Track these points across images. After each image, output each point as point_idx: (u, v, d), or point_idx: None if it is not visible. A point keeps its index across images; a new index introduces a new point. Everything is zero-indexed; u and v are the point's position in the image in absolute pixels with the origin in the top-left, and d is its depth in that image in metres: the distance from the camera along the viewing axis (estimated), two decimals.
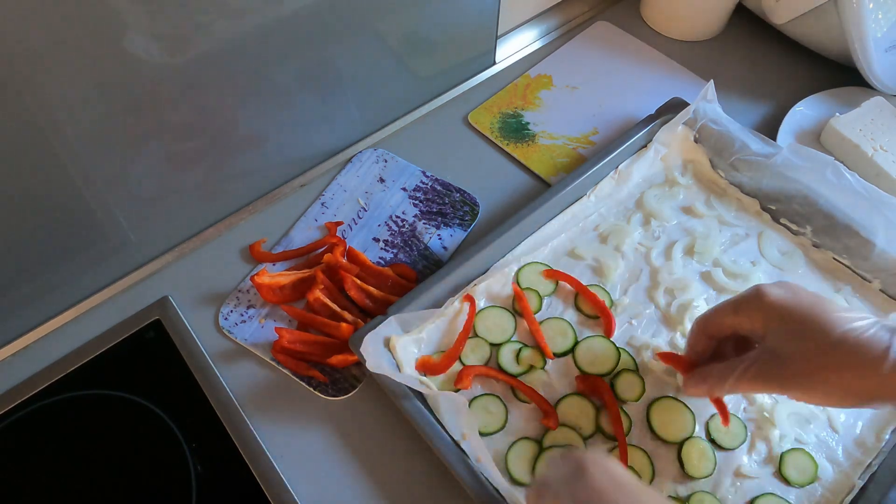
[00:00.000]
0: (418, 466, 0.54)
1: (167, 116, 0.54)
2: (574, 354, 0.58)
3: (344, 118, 0.71)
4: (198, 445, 0.55)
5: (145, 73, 0.50)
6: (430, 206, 0.69)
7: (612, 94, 0.80)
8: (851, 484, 0.52)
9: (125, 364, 0.59)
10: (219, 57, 0.53)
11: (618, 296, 0.62)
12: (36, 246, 0.55)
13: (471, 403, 0.55)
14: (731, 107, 0.73)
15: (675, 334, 0.59)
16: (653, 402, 0.55)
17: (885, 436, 0.54)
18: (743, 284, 0.62)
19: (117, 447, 0.55)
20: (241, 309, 0.62)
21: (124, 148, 0.54)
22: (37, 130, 0.47)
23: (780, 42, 0.83)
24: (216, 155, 0.62)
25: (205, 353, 0.59)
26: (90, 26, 0.44)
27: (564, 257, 0.65)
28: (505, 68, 0.83)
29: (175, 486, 0.53)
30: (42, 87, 0.45)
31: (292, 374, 0.58)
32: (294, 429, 0.56)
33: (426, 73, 0.76)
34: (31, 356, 0.59)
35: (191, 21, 0.49)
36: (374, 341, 0.54)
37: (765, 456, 0.53)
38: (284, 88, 0.61)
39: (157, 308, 0.62)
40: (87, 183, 0.54)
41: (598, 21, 0.88)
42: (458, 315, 0.60)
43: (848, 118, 0.71)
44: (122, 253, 0.63)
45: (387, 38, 0.67)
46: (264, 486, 0.52)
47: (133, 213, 0.60)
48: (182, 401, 0.57)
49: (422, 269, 0.65)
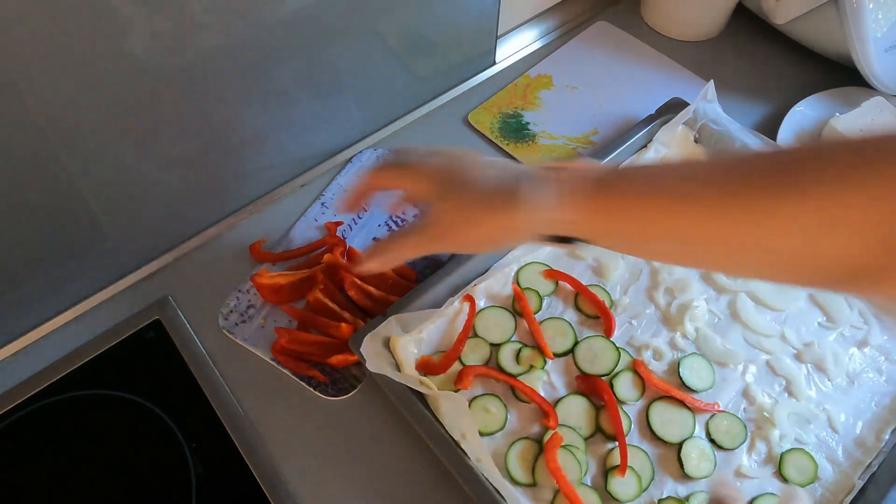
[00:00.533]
0: (418, 466, 0.54)
1: (167, 116, 0.54)
2: (574, 354, 0.58)
3: (344, 118, 0.71)
4: (198, 445, 0.55)
5: (145, 73, 0.50)
6: None
7: (612, 94, 0.80)
8: (851, 484, 0.52)
9: (125, 364, 0.59)
10: (219, 57, 0.53)
11: (618, 296, 0.62)
12: (36, 246, 0.55)
13: (471, 403, 0.55)
14: (731, 107, 0.73)
15: (675, 334, 0.59)
16: (653, 402, 0.55)
17: (885, 436, 0.54)
18: (743, 285, 0.62)
19: (117, 447, 0.55)
20: (241, 309, 0.62)
21: (124, 148, 0.54)
22: (37, 130, 0.47)
23: (780, 42, 0.83)
24: (216, 155, 0.62)
25: (205, 353, 0.59)
26: (90, 26, 0.44)
27: (564, 257, 0.65)
28: (505, 68, 0.83)
29: (175, 486, 0.53)
30: (42, 88, 0.45)
31: (292, 374, 0.58)
32: (294, 429, 0.56)
33: (426, 73, 0.76)
34: (31, 356, 0.59)
35: (191, 21, 0.49)
36: (374, 341, 0.54)
37: (765, 456, 0.53)
38: (284, 88, 0.61)
39: (157, 308, 0.62)
40: (87, 183, 0.54)
41: (598, 21, 0.88)
42: (458, 315, 0.60)
43: (848, 118, 0.71)
44: (123, 253, 0.63)
45: (387, 38, 0.67)
46: (264, 486, 0.52)
47: (133, 213, 0.60)
48: (182, 401, 0.57)
49: (422, 269, 0.64)
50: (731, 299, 0.62)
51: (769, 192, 0.34)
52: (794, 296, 0.62)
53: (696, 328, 0.60)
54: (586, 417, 0.55)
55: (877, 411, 0.56)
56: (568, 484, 0.49)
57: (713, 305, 0.61)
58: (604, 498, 0.51)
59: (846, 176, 0.32)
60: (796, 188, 0.33)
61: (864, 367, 0.58)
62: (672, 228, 0.39)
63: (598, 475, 0.53)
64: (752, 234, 0.36)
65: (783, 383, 0.57)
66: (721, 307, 0.61)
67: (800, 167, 0.34)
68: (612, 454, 0.53)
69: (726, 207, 0.36)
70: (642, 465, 0.52)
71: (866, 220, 0.32)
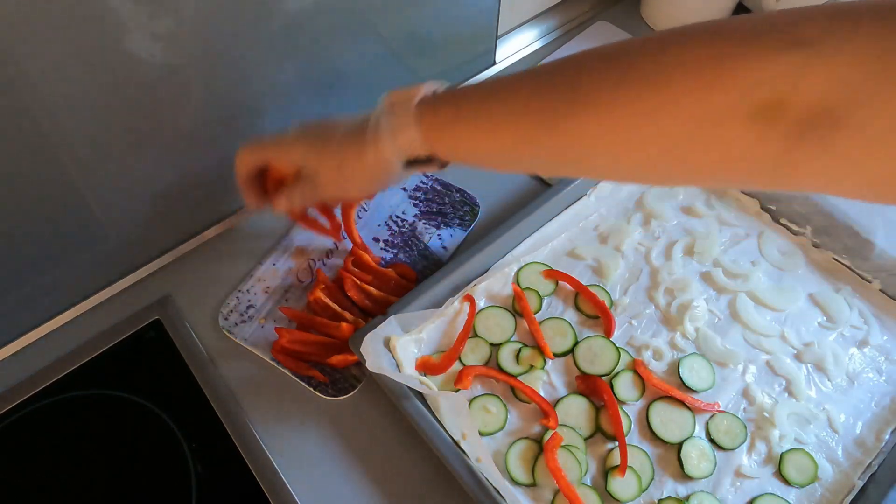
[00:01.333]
0: (418, 466, 0.54)
1: (167, 116, 0.54)
2: (574, 354, 0.58)
3: None
4: (198, 445, 0.55)
5: (145, 73, 0.50)
6: (430, 206, 0.69)
7: None
8: (851, 484, 0.52)
9: (125, 364, 0.59)
10: (219, 57, 0.53)
11: (618, 296, 0.62)
12: (36, 246, 0.55)
13: (471, 403, 0.55)
14: None
15: (675, 334, 0.59)
16: (653, 402, 0.55)
17: (885, 436, 0.54)
18: (743, 285, 0.62)
19: (117, 447, 0.55)
20: (241, 309, 0.62)
21: (124, 148, 0.54)
22: (37, 130, 0.47)
23: None
24: (216, 155, 0.62)
25: (205, 353, 0.59)
26: (90, 26, 0.44)
27: (564, 257, 0.65)
28: (505, 68, 0.83)
29: (175, 486, 0.53)
30: (42, 88, 0.45)
31: (292, 374, 0.58)
32: (294, 429, 0.56)
33: (426, 73, 0.76)
34: (31, 356, 0.59)
35: (191, 21, 0.49)
36: (374, 341, 0.54)
37: (765, 456, 0.53)
38: (285, 88, 0.61)
39: (157, 308, 0.62)
40: (87, 183, 0.54)
41: (598, 21, 0.87)
42: (458, 315, 0.60)
43: None
44: (123, 253, 0.63)
45: (387, 38, 0.67)
46: (264, 486, 0.52)
47: (133, 213, 0.60)
48: (182, 401, 0.57)
49: (422, 269, 0.65)
50: (731, 299, 0.62)
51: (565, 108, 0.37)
52: (794, 296, 0.62)
53: (696, 328, 0.60)
54: (586, 417, 0.55)
55: (877, 411, 0.56)
56: (568, 484, 0.49)
57: (713, 305, 0.61)
58: (604, 498, 0.51)
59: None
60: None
61: (864, 367, 0.58)
62: (499, 145, 0.41)
63: (597, 475, 0.53)
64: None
65: (783, 383, 0.57)
66: (721, 307, 0.61)
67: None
68: (611, 454, 0.53)
69: (532, 125, 0.39)
70: (642, 465, 0.52)
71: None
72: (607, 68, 0.35)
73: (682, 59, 0.33)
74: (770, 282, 0.63)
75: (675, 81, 0.32)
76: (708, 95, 0.32)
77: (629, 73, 0.34)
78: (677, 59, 0.33)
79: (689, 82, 0.32)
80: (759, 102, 0.30)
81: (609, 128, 0.35)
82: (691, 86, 0.32)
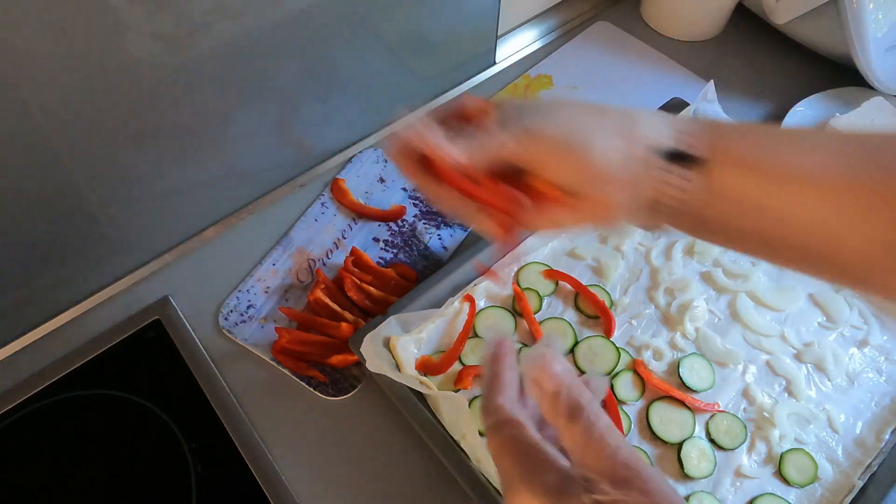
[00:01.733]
0: (418, 466, 0.54)
1: (167, 116, 0.54)
2: (574, 354, 0.58)
3: (344, 118, 0.71)
4: (198, 445, 0.55)
5: (145, 73, 0.50)
6: (430, 206, 0.69)
7: (612, 94, 0.80)
8: (851, 484, 0.52)
9: (125, 364, 0.59)
10: (219, 57, 0.53)
11: (618, 296, 0.62)
12: (36, 246, 0.55)
13: (471, 403, 0.55)
14: (731, 107, 0.73)
15: (675, 334, 0.59)
16: (652, 402, 0.55)
17: (885, 436, 0.54)
18: (743, 285, 0.62)
19: (117, 447, 0.55)
20: (241, 309, 0.62)
21: (124, 148, 0.54)
22: (37, 130, 0.47)
23: (780, 42, 0.83)
24: (216, 155, 0.62)
25: (205, 353, 0.59)
26: (90, 26, 0.44)
27: (564, 257, 0.65)
28: (505, 68, 0.83)
29: (175, 486, 0.53)
30: (42, 87, 0.45)
31: (292, 374, 0.58)
32: (294, 429, 0.56)
33: (426, 73, 0.76)
34: (31, 356, 0.59)
35: (191, 21, 0.49)
36: (374, 341, 0.54)
37: (765, 456, 0.53)
38: (285, 88, 0.61)
39: (157, 308, 0.62)
40: (87, 183, 0.54)
41: (598, 21, 0.88)
42: (458, 315, 0.60)
43: (848, 118, 0.71)
44: (123, 253, 0.63)
45: (387, 38, 0.67)
46: (264, 486, 0.52)
47: (133, 213, 0.60)
48: (182, 401, 0.57)
49: (422, 269, 0.65)
50: (731, 299, 0.62)
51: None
52: (794, 296, 0.62)
53: (696, 328, 0.60)
54: None
55: (877, 411, 0.55)
56: None
57: (713, 305, 0.61)
58: None
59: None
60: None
61: (864, 367, 0.58)
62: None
63: None
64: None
65: (783, 383, 0.57)
66: (721, 307, 0.61)
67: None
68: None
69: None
70: None
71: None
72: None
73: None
74: (770, 282, 0.63)
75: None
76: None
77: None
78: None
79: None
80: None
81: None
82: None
